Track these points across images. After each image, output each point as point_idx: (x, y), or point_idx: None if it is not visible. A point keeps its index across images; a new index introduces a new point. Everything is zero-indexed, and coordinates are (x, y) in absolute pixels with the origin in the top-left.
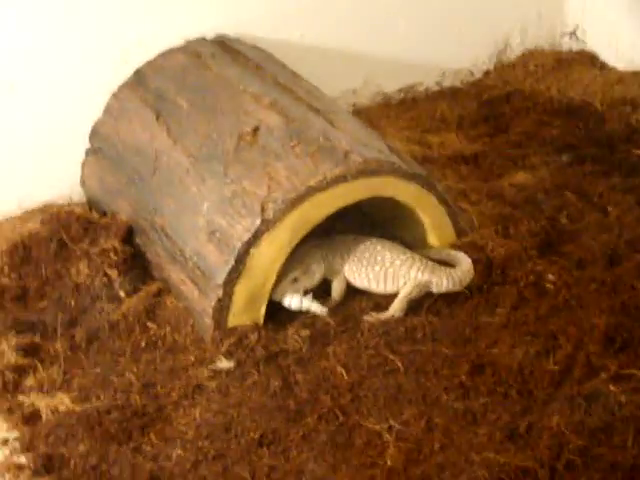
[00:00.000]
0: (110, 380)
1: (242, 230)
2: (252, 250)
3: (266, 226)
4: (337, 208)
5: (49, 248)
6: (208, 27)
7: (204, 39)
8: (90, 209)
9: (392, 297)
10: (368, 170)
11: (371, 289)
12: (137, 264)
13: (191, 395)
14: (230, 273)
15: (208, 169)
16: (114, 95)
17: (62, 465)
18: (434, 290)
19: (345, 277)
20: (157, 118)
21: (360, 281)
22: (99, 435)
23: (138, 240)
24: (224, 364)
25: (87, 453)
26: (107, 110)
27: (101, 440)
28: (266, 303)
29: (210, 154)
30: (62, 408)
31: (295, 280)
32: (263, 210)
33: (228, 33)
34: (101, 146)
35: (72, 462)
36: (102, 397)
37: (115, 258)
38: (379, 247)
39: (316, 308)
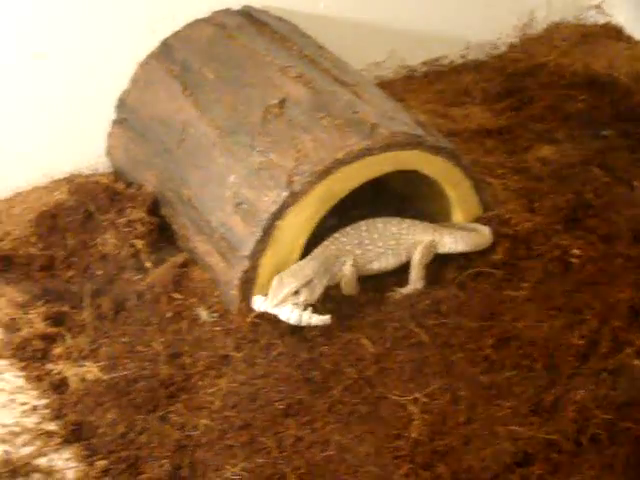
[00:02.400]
0: (137, 350)
1: (269, 202)
2: (278, 222)
3: (293, 198)
4: (363, 181)
5: (76, 218)
6: None
7: (230, 10)
8: (116, 180)
9: None
10: (395, 143)
11: (389, 268)
12: (163, 235)
13: (217, 365)
14: (256, 245)
15: (235, 141)
16: (141, 66)
17: (91, 433)
18: (441, 250)
19: (351, 275)
20: (184, 89)
21: (378, 265)
22: (127, 404)
23: (164, 211)
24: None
25: (115, 421)
26: (133, 81)
27: (129, 409)
28: None
29: (237, 126)
30: (90, 377)
31: (297, 293)
32: (290, 182)
33: (254, 4)
34: (127, 117)
35: (100, 430)
36: (129, 366)
37: (142, 229)
38: (380, 225)
39: (317, 321)
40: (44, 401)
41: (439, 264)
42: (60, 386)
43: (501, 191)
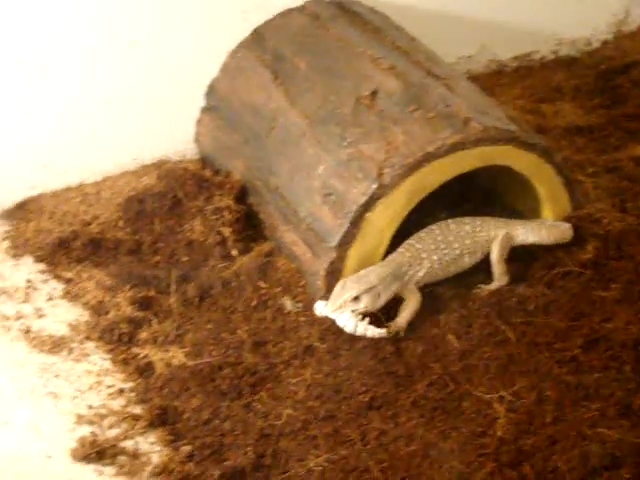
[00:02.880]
0: (222, 337)
1: (358, 194)
2: (367, 214)
3: (382, 191)
4: (453, 175)
5: (163, 204)
6: None
7: (323, 0)
8: (203, 167)
9: None
10: (487, 138)
11: (465, 268)
12: (250, 224)
13: (301, 356)
14: (344, 236)
15: (325, 131)
16: (232, 54)
17: (176, 418)
18: (517, 242)
19: (417, 296)
20: (275, 78)
21: (461, 266)
22: (211, 390)
23: (251, 200)
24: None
25: (200, 407)
26: (224, 69)
27: (213, 395)
28: None
29: (327, 116)
30: (175, 362)
31: (357, 299)
32: (380, 175)
33: None
34: (217, 104)
35: (185, 415)
36: (214, 353)
37: (229, 217)
38: (453, 226)
39: (372, 333)
40: (130, 384)
41: (527, 262)
42: (146, 370)
43: (592, 190)
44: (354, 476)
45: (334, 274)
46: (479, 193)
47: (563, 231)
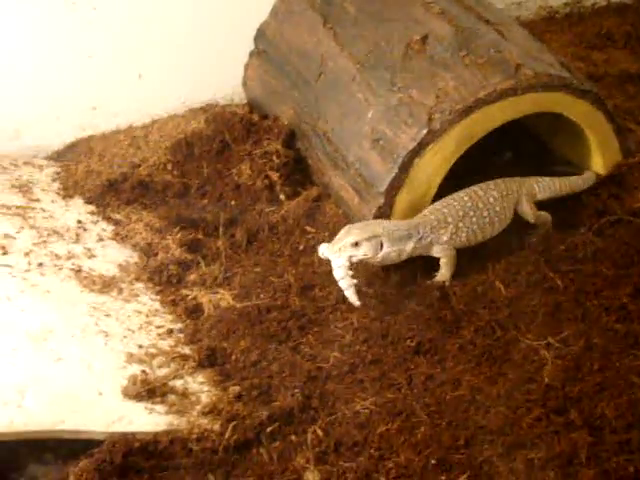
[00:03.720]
0: (269, 280)
1: (407, 139)
2: (416, 160)
3: (432, 136)
4: (503, 122)
5: (212, 147)
6: None
7: None
8: (250, 111)
9: None
10: (539, 84)
11: (494, 234)
12: (297, 168)
13: (348, 300)
14: (393, 182)
15: (375, 76)
16: None
17: (224, 359)
18: (539, 197)
19: (450, 249)
20: (324, 23)
21: (491, 232)
22: (259, 332)
23: (299, 144)
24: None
25: (248, 349)
26: (273, 12)
27: (261, 338)
28: None
29: (377, 61)
30: (223, 304)
31: (357, 245)
32: (430, 120)
33: None
34: (265, 48)
35: (233, 357)
36: (262, 296)
37: (277, 161)
38: (481, 193)
39: (349, 295)
40: (179, 325)
41: (576, 210)
42: (194, 312)
43: None
44: (400, 419)
45: (382, 219)
46: (530, 142)
47: (576, 180)
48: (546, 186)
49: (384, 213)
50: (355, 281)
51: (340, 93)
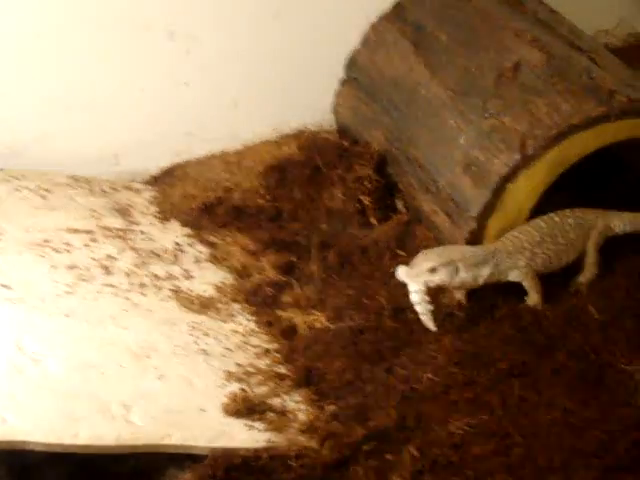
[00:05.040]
0: (362, 302)
1: (500, 164)
2: (509, 185)
3: (525, 162)
4: (596, 148)
5: (303, 172)
6: None
7: None
8: (341, 137)
9: None
10: (633, 110)
11: (569, 263)
12: (388, 193)
13: (441, 322)
14: (485, 206)
15: (466, 103)
16: (373, 26)
17: (320, 379)
18: (614, 232)
19: (529, 273)
20: (416, 51)
21: (567, 260)
22: (353, 353)
23: (390, 169)
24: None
25: (343, 369)
26: (365, 41)
27: (355, 358)
28: None
29: (469, 88)
30: (318, 325)
31: (434, 270)
32: (522, 146)
33: None
34: (357, 76)
35: (329, 376)
36: (355, 317)
37: (369, 186)
38: (557, 219)
39: (425, 320)
40: (275, 345)
41: None
42: (289, 332)
43: None
44: (495, 440)
45: (473, 243)
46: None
47: None
48: (625, 221)
49: (476, 237)
50: (431, 307)
51: (431, 119)
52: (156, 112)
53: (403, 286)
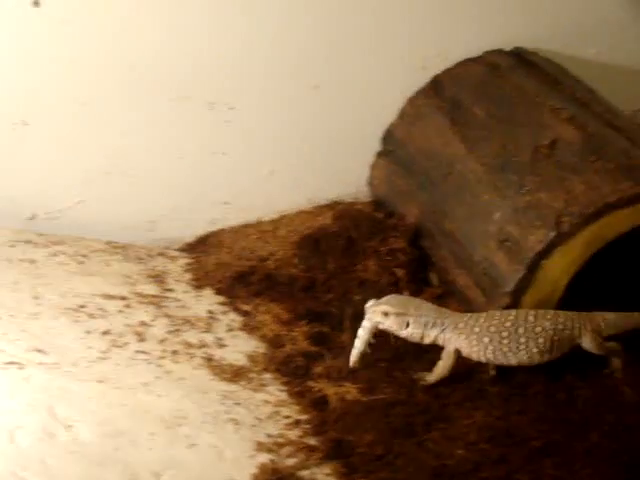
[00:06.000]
0: (394, 375)
1: (535, 241)
2: (544, 262)
3: (560, 239)
4: (632, 227)
5: (338, 243)
6: (506, 39)
7: (501, 51)
8: (375, 209)
9: None
10: None
11: (533, 363)
12: (422, 266)
13: (473, 398)
14: (520, 282)
15: (502, 178)
16: (410, 100)
17: (350, 452)
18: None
19: (452, 355)
20: (452, 125)
21: (518, 359)
22: (384, 426)
23: (424, 242)
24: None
25: (373, 443)
26: (402, 115)
27: (386, 432)
28: None
29: (505, 164)
30: (349, 397)
31: (386, 315)
32: (558, 223)
33: (525, 45)
34: (393, 149)
35: (359, 449)
36: (387, 390)
37: (403, 258)
38: (531, 318)
39: (353, 354)
40: (305, 416)
41: None
42: (320, 403)
43: None
44: None
45: None
46: None
47: None
48: (611, 322)
49: None
50: (366, 349)
51: (467, 194)
52: (193, 180)
53: (435, 360)
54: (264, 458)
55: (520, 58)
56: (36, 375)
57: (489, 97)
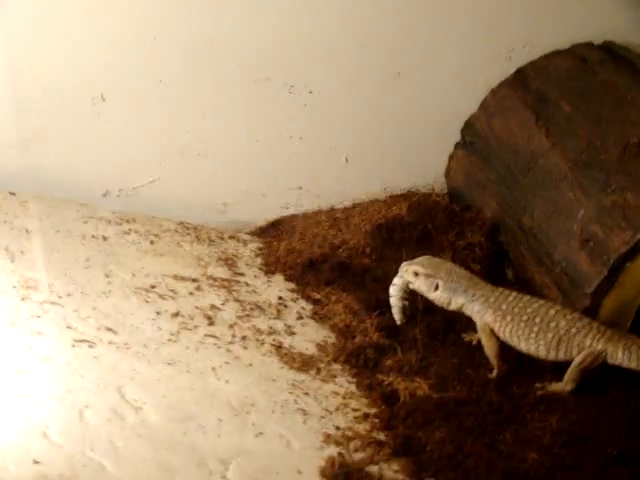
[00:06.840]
0: (466, 373)
1: (620, 242)
2: (628, 264)
3: None
4: None
5: (412, 234)
6: (596, 32)
7: (591, 44)
8: (452, 201)
9: None
10: None
11: (539, 356)
12: (498, 262)
13: (548, 401)
14: (601, 284)
15: (587, 176)
16: (493, 92)
17: (419, 449)
18: (609, 361)
19: (486, 330)
20: (537, 119)
21: (527, 346)
22: (455, 425)
23: (502, 238)
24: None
25: (443, 441)
26: (483, 106)
27: (457, 430)
28: (632, 318)
29: (591, 161)
30: (420, 393)
31: (416, 275)
32: None
33: (616, 40)
34: (473, 140)
35: (428, 447)
36: (459, 388)
37: (479, 253)
38: (552, 312)
39: (394, 313)
40: (374, 410)
41: None
42: (390, 398)
43: None
44: None
45: None
46: None
47: None
48: (631, 355)
49: (589, 315)
50: (402, 304)
51: (549, 190)
52: (268, 164)
53: (509, 359)
54: (332, 451)
55: (610, 52)
56: (106, 354)
57: (576, 91)
